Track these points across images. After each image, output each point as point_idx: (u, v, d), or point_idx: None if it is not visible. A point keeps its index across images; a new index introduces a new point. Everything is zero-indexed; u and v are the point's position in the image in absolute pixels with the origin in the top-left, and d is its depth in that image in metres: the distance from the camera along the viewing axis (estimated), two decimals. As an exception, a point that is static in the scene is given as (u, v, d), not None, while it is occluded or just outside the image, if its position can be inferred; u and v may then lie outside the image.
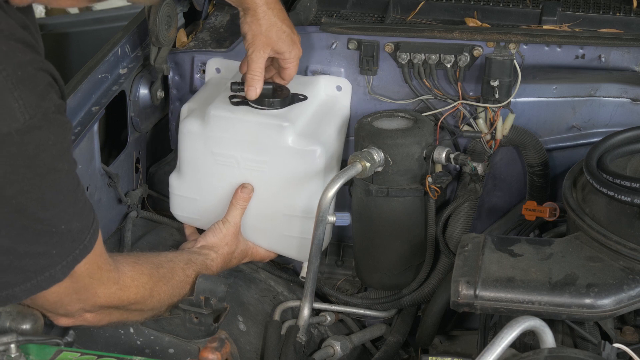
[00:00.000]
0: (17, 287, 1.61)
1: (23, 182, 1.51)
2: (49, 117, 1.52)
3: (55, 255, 1.62)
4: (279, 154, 2.22)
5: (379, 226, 2.31)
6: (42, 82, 1.53)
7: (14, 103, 1.47)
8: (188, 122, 2.27)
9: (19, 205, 1.52)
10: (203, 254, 2.16)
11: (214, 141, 2.25)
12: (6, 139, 1.47)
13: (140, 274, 1.86)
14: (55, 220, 1.59)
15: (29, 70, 1.51)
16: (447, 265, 2.37)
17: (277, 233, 2.32)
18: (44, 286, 1.63)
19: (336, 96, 2.41)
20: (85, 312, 1.76)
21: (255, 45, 2.16)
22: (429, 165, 2.27)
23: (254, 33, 2.16)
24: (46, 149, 1.53)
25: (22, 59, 1.50)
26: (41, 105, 1.50)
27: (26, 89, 1.49)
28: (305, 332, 2.22)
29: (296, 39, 2.22)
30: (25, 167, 1.51)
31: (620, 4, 2.50)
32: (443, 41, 2.33)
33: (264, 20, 2.15)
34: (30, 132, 1.49)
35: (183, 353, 1.97)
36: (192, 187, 2.33)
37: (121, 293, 1.80)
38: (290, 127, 2.20)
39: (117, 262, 1.81)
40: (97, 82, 2.27)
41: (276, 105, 2.23)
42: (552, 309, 1.80)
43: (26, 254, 1.58)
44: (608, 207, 1.89)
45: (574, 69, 2.34)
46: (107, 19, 3.80)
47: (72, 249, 1.64)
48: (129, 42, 2.40)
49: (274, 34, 2.16)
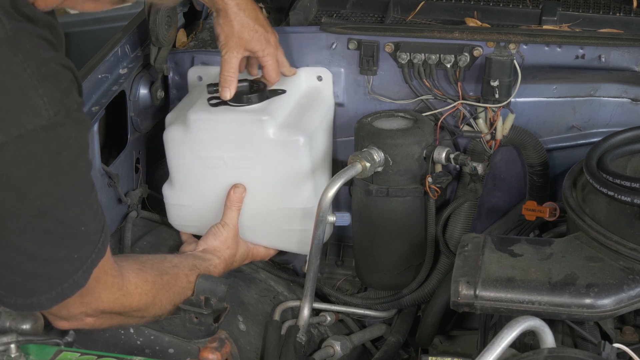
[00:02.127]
0: (43, 295, 1.61)
1: (47, 181, 1.51)
2: (72, 115, 1.52)
3: (76, 260, 1.61)
4: (263, 149, 2.22)
5: (379, 226, 2.31)
6: (65, 79, 1.53)
7: (38, 100, 1.46)
8: (171, 130, 2.27)
9: (43, 207, 1.52)
10: (207, 260, 2.16)
11: (199, 145, 2.25)
12: (31, 136, 1.46)
13: (144, 281, 1.86)
14: (76, 222, 1.58)
15: (53, 67, 1.50)
16: (447, 265, 2.37)
17: (274, 228, 2.32)
18: (68, 294, 1.63)
19: (318, 87, 2.41)
20: (86, 316, 1.75)
21: (228, 46, 2.19)
22: (429, 165, 2.27)
23: (226, 34, 2.19)
24: (68, 147, 1.52)
25: (46, 56, 1.50)
26: (64, 102, 1.50)
27: (50, 85, 1.48)
28: (305, 332, 2.22)
29: (271, 37, 2.24)
30: (49, 166, 1.50)
31: (620, 4, 2.50)
32: (443, 41, 2.33)
33: (236, 21, 2.17)
34: (54, 129, 1.48)
35: (183, 353, 1.97)
36: (185, 194, 2.33)
37: (124, 299, 1.80)
38: (270, 120, 2.20)
39: (122, 268, 1.81)
40: (97, 82, 2.27)
41: (254, 100, 2.23)
42: (552, 309, 1.80)
43: (50, 259, 1.58)
44: (608, 207, 1.89)
45: (574, 69, 2.33)
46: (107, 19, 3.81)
47: (90, 252, 1.63)
48: (129, 42, 2.40)
49: (246, 34, 2.19)
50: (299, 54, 2.42)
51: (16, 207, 1.50)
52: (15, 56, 1.45)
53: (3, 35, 1.44)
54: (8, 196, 1.49)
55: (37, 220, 1.53)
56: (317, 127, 2.31)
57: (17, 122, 1.45)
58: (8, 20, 1.45)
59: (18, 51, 1.45)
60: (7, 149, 1.45)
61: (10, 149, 1.45)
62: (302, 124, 2.26)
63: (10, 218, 1.51)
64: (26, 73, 1.46)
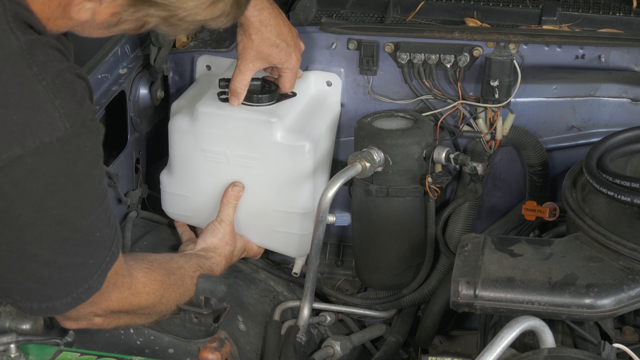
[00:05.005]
0: (58, 300, 1.61)
1: (63, 192, 1.52)
2: (87, 124, 1.53)
3: (91, 265, 1.62)
4: (268, 150, 2.22)
5: (378, 226, 2.31)
6: (80, 88, 1.54)
7: (55, 112, 1.47)
8: (177, 119, 2.28)
9: (59, 217, 1.53)
10: (209, 259, 2.16)
11: (204, 138, 2.25)
12: (47, 148, 1.47)
13: (152, 280, 1.87)
14: (92, 229, 1.59)
15: (67, 77, 1.51)
16: (447, 266, 2.37)
17: (268, 229, 2.32)
18: (83, 298, 1.64)
19: (326, 91, 2.41)
20: (95, 316, 1.76)
21: (244, 57, 2.18)
22: (429, 165, 2.27)
23: (244, 46, 2.18)
24: (83, 156, 1.53)
25: (60, 67, 1.51)
26: (80, 112, 1.51)
27: (66, 96, 1.49)
28: (305, 332, 2.22)
29: (293, 52, 2.21)
30: (65, 177, 1.51)
31: (620, 4, 2.51)
32: (443, 41, 2.33)
33: (256, 36, 2.16)
34: (70, 140, 1.49)
35: (183, 353, 1.97)
36: (183, 184, 2.33)
37: (133, 298, 1.80)
38: (278, 123, 2.20)
39: (131, 267, 1.82)
40: (97, 82, 2.27)
41: (264, 101, 2.23)
42: (552, 309, 1.80)
43: (66, 266, 1.59)
44: (608, 207, 1.89)
45: (574, 69, 2.34)
46: (107, 19, 3.79)
47: (104, 256, 1.64)
48: (129, 42, 2.40)
49: (265, 49, 2.18)
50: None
51: (33, 218, 1.51)
52: (30, 69, 1.46)
53: (17, 49, 1.45)
54: (25, 207, 1.50)
55: (53, 229, 1.54)
56: (322, 133, 2.31)
57: (34, 135, 1.46)
58: (22, 34, 1.46)
59: (33, 64, 1.46)
60: (24, 161, 1.46)
61: (27, 161, 1.46)
62: (309, 129, 2.26)
63: (27, 228, 1.52)
64: (41, 85, 1.47)
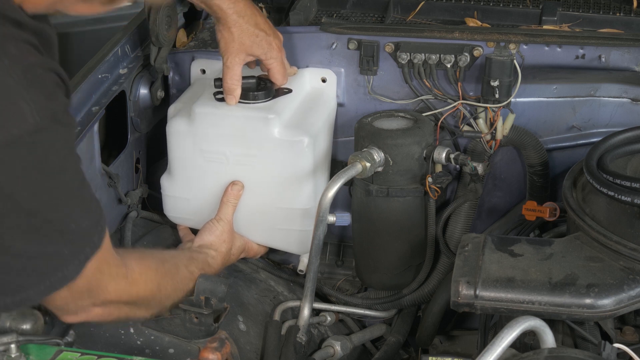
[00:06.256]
0: (31, 289, 1.60)
1: (34, 185, 1.51)
2: (58, 118, 1.52)
3: (67, 255, 1.61)
4: (266, 147, 2.23)
5: (379, 226, 2.31)
6: (51, 82, 1.54)
7: (24, 105, 1.47)
8: (175, 121, 2.28)
9: (30, 210, 1.52)
10: (204, 252, 2.17)
11: (202, 138, 2.25)
12: (18, 142, 1.47)
13: (147, 268, 1.87)
14: (67, 220, 1.59)
15: (38, 72, 1.51)
16: (447, 266, 2.37)
17: (270, 227, 2.32)
18: (57, 286, 1.63)
19: (322, 88, 2.41)
20: (93, 306, 1.76)
21: (229, 52, 2.21)
22: (429, 165, 2.27)
23: (226, 41, 2.21)
24: (55, 150, 1.53)
25: (32, 61, 1.51)
26: (50, 106, 1.51)
27: (36, 90, 1.49)
28: (306, 332, 2.22)
29: (273, 41, 2.25)
30: (36, 170, 1.51)
31: (620, 4, 2.51)
32: (443, 41, 2.33)
33: (235, 28, 2.20)
34: (39, 133, 1.49)
35: (183, 353, 1.97)
36: (184, 187, 2.33)
37: (130, 288, 1.80)
38: (276, 119, 2.20)
39: (124, 257, 1.82)
40: (97, 82, 2.26)
41: (260, 98, 2.24)
42: (552, 309, 1.80)
43: (38, 255, 1.58)
44: (608, 207, 1.89)
45: (574, 69, 2.34)
46: (107, 19, 3.80)
47: (83, 246, 1.64)
48: (129, 42, 2.40)
49: (246, 40, 2.21)
50: (299, 54, 2.42)
51: (3, 210, 1.50)
52: (1, 62, 1.46)
53: None
54: None
55: (24, 221, 1.53)
56: (320, 129, 2.32)
57: (3, 128, 1.46)
58: None
59: (4, 57, 1.46)
60: None
61: None
62: (307, 124, 2.27)
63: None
64: (12, 79, 1.47)
